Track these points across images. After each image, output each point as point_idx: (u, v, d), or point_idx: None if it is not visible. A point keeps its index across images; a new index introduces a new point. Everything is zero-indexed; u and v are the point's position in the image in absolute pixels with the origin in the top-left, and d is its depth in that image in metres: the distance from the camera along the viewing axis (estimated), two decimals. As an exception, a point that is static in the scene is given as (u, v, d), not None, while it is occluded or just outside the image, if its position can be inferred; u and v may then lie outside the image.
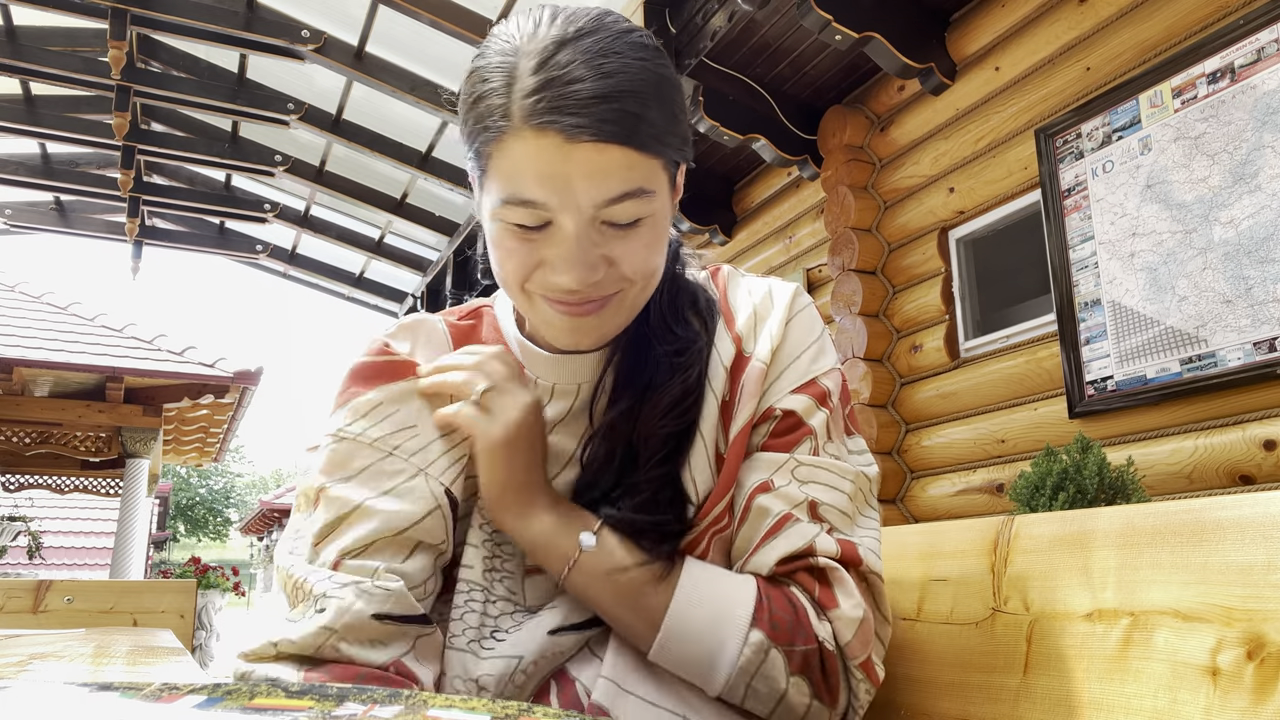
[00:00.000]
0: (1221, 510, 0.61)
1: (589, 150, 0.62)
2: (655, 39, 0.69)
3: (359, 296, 8.28)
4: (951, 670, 0.79)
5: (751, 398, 0.75)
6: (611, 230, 0.66)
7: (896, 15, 3.39)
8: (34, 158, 6.43)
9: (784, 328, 0.77)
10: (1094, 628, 0.67)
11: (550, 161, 0.62)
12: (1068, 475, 2.14)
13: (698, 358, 0.76)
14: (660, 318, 0.77)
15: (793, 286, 0.81)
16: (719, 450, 0.75)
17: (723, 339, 0.78)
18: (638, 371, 0.76)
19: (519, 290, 0.70)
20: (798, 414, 0.75)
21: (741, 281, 0.82)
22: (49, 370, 7.32)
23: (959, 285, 3.51)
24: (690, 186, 3.97)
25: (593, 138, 0.61)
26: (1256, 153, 2.44)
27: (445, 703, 0.39)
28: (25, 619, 2.73)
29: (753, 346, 0.77)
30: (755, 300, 0.80)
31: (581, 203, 0.64)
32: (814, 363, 0.77)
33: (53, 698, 0.38)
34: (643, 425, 0.74)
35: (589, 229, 0.65)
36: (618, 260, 0.67)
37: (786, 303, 0.79)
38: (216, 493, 41.24)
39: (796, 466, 0.74)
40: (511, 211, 0.65)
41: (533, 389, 0.77)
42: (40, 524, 13.01)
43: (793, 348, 0.77)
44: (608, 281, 0.68)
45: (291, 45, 4.87)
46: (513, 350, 0.80)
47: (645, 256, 0.68)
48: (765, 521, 0.72)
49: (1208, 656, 0.59)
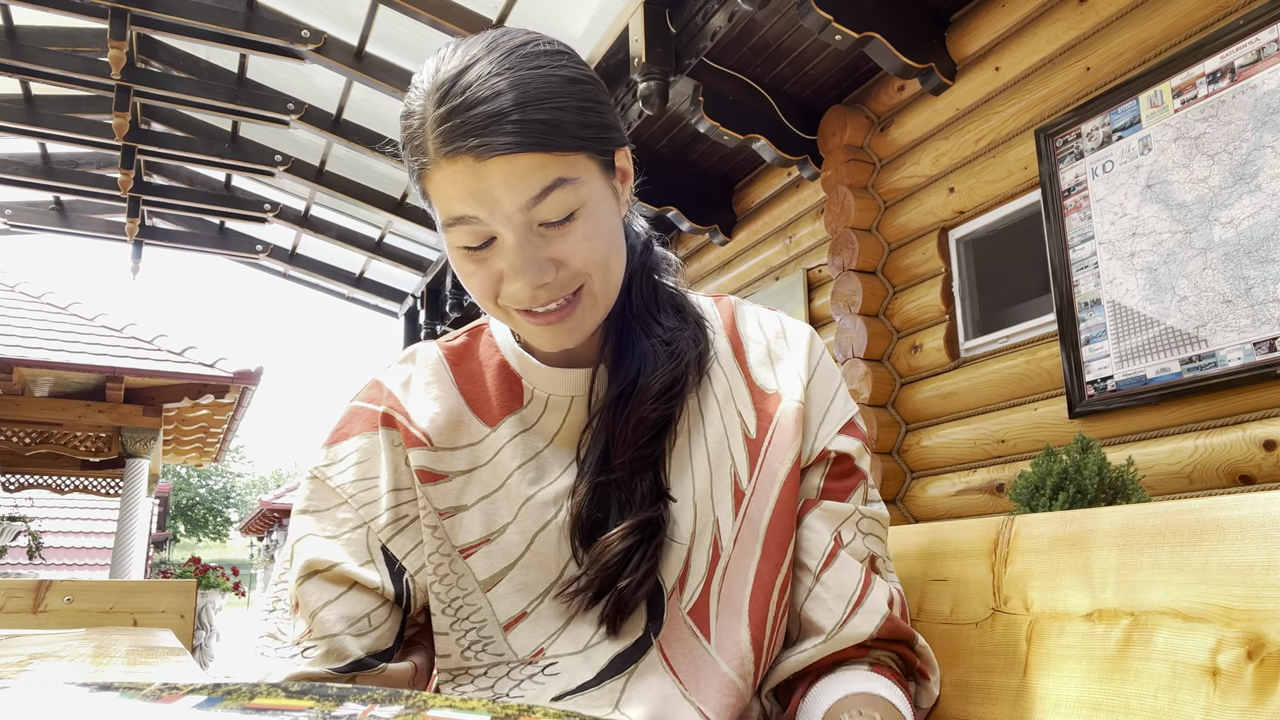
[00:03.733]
0: (1221, 510, 0.61)
1: (499, 164, 0.65)
2: (557, 43, 0.72)
3: (359, 296, 8.27)
4: (951, 670, 0.79)
5: (795, 437, 0.77)
6: (549, 230, 0.68)
7: (896, 15, 3.39)
8: (34, 158, 6.43)
9: (811, 367, 0.80)
10: (1094, 628, 0.67)
11: (468, 182, 0.66)
12: (1068, 475, 2.14)
13: (688, 346, 0.78)
14: (642, 310, 0.79)
15: (806, 326, 0.84)
16: (737, 482, 0.76)
17: (728, 361, 0.80)
18: (628, 365, 0.77)
19: (494, 306, 0.73)
20: (851, 457, 0.79)
21: (750, 311, 0.85)
22: (49, 370, 7.31)
23: (959, 285, 3.51)
24: (690, 186, 3.96)
25: (498, 152, 0.65)
26: (1256, 153, 2.44)
27: (445, 703, 0.39)
28: (25, 619, 2.73)
29: (774, 383, 0.79)
30: (768, 332, 0.82)
31: (508, 210, 0.67)
32: (846, 404, 0.81)
33: (53, 698, 0.38)
34: (633, 410, 0.75)
35: (527, 234, 0.68)
36: (564, 258, 0.69)
37: (807, 342, 0.82)
38: (216, 493, 41.23)
39: (860, 519, 0.77)
40: (455, 234, 0.69)
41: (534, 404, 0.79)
42: (40, 524, 13.01)
43: (825, 388, 0.80)
44: (564, 281, 0.70)
45: (291, 45, 4.87)
46: (510, 364, 0.81)
47: (589, 247, 0.70)
48: (850, 583, 0.75)
49: (1208, 656, 0.59)
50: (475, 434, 0.79)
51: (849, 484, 0.78)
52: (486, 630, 0.75)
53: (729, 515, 0.75)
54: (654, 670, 0.72)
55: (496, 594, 0.75)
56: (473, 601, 0.75)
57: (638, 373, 0.76)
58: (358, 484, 0.78)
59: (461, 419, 0.80)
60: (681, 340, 0.78)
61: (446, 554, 0.76)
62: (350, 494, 0.78)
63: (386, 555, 0.76)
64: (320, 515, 0.78)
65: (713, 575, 0.74)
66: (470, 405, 0.80)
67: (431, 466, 0.78)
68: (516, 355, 0.81)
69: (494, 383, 0.81)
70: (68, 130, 5.85)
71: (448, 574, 0.76)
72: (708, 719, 0.71)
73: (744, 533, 0.75)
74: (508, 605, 0.75)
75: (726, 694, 0.72)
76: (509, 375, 0.81)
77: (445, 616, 0.76)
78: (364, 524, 0.77)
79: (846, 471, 0.78)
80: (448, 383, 0.81)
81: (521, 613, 0.75)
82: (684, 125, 4.38)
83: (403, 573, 0.76)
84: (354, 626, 0.73)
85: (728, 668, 0.72)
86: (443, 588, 0.76)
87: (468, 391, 0.81)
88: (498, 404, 0.80)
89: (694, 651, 0.73)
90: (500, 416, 0.80)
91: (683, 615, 0.73)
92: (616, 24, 3.95)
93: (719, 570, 0.74)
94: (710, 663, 0.72)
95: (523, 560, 0.76)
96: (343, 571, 0.74)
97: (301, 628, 0.74)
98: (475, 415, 0.80)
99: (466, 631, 0.75)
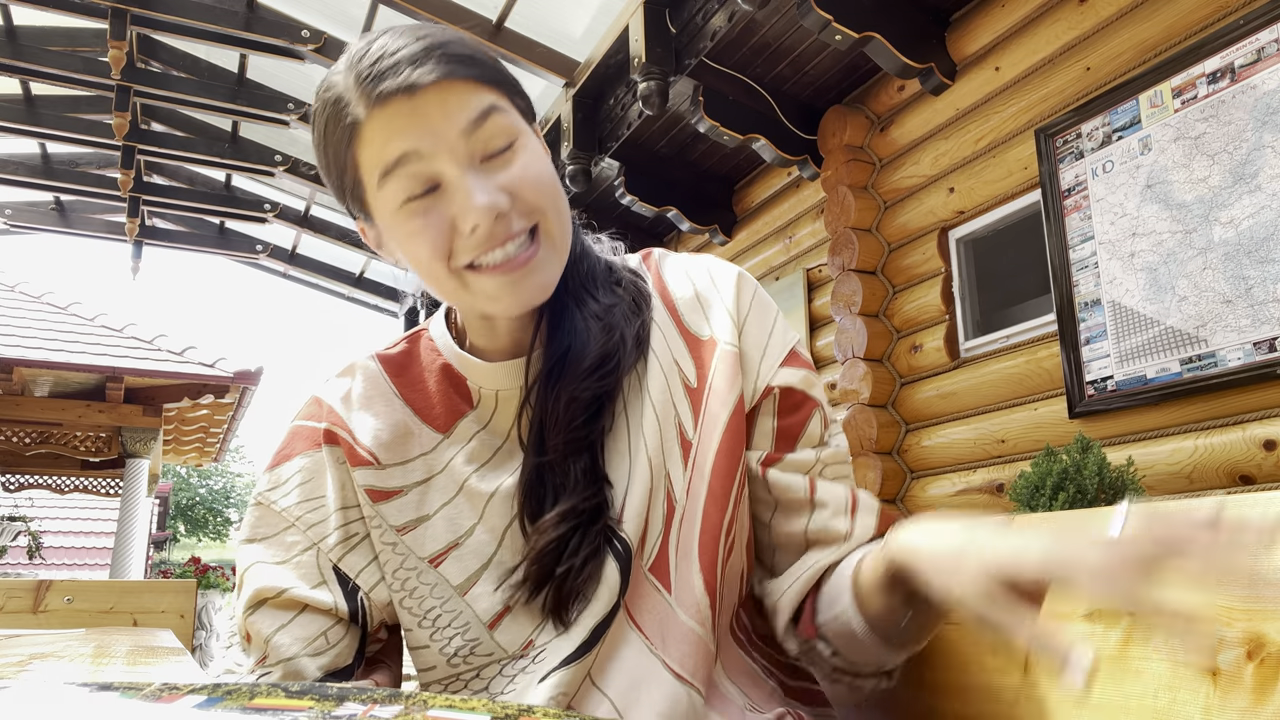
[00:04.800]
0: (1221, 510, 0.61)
1: (432, 93, 0.65)
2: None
3: (359, 296, 8.27)
4: (951, 670, 0.79)
5: (732, 381, 0.75)
6: (492, 163, 0.67)
7: (896, 15, 3.39)
8: (34, 158, 6.43)
9: (742, 307, 0.78)
10: (1094, 628, 0.67)
11: (403, 119, 0.65)
12: (1068, 475, 2.14)
13: (623, 321, 0.75)
14: (578, 287, 0.77)
15: (734, 266, 0.82)
16: (683, 433, 0.75)
17: (662, 316, 0.79)
18: (558, 342, 0.75)
19: (447, 274, 0.69)
20: (798, 389, 0.77)
21: (676, 261, 0.83)
22: (49, 370, 7.31)
23: (959, 285, 3.51)
24: (690, 187, 3.97)
25: (428, 81, 0.65)
26: (1256, 153, 2.44)
27: (445, 703, 0.39)
28: (25, 619, 2.73)
29: (707, 329, 0.78)
30: (696, 280, 0.80)
31: (450, 139, 0.65)
32: (785, 335, 0.79)
33: (53, 698, 0.38)
34: (564, 388, 0.72)
35: (470, 166, 0.66)
36: (514, 188, 0.67)
37: (734, 282, 0.79)
38: (216, 493, 41.19)
39: (823, 468, 0.77)
40: (393, 186, 0.66)
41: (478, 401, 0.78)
42: (40, 524, 13.01)
43: (760, 325, 0.78)
44: (520, 212, 0.68)
45: (291, 45, 4.87)
46: (453, 366, 0.79)
47: (536, 177, 0.69)
48: (842, 495, 0.76)
49: (1208, 656, 0.59)
50: (426, 443, 0.77)
51: (801, 417, 0.77)
52: (471, 633, 0.74)
53: (679, 467, 0.74)
54: (622, 631, 0.72)
55: (474, 595, 0.74)
56: (451, 608, 0.74)
57: (568, 349, 0.73)
58: (304, 505, 0.76)
59: (409, 430, 0.78)
60: (615, 314, 0.75)
61: (412, 567, 0.75)
62: (297, 516, 0.76)
63: (339, 574, 0.75)
64: (269, 541, 0.76)
65: (669, 529, 0.73)
66: (418, 414, 0.78)
67: (381, 485, 0.76)
68: (457, 357, 0.78)
69: (438, 388, 0.79)
70: (68, 130, 5.85)
71: (417, 586, 0.75)
72: (673, 670, 0.71)
73: (694, 482, 0.74)
74: (488, 604, 0.74)
75: (688, 643, 0.72)
76: (453, 377, 0.79)
77: (423, 630, 0.75)
78: (313, 545, 0.75)
79: (796, 404, 0.77)
80: (390, 395, 0.79)
81: (505, 608, 0.73)
82: (684, 125, 4.38)
83: (356, 591, 0.75)
84: (309, 647, 0.72)
85: (686, 616, 0.72)
86: (414, 601, 0.75)
87: (413, 400, 0.79)
88: (446, 409, 0.78)
89: (658, 606, 0.73)
90: (451, 421, 0.78)
91: (644, 572, 0.73)
92: (616, 24, 3.95)
93: (674, 522, 0.74)
94: (671, 615, 0.72)
95: (496, 557, 0.74)
96: (293, 596, 0.73)
97: (255, 656, 0.73)
98: (424, 423, 0.78)
99: (451, 639, 0.74)
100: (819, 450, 0.77)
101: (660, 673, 0.71)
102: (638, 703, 0.70)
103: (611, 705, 0.70)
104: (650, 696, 0.70)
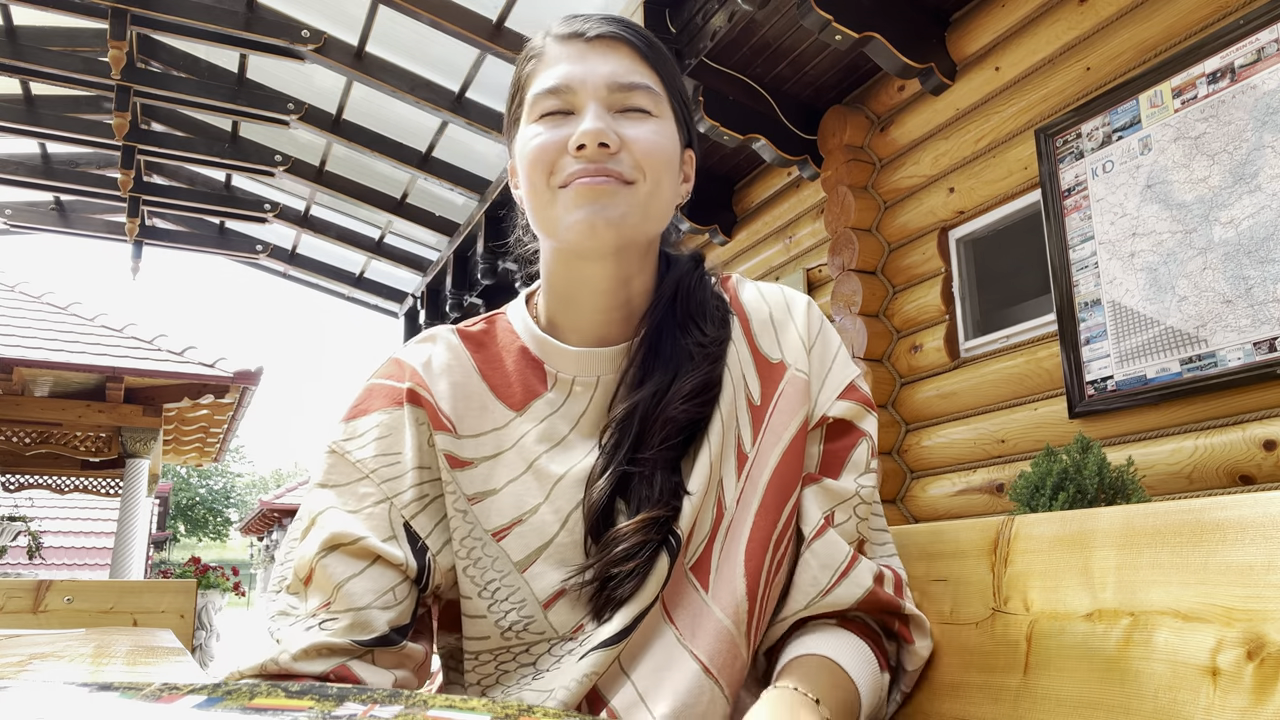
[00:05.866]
0: (1221, 510, 0.61)
1: (603, 46, 0.78)
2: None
3: (359, 296, 8.28)
4: (951, 670, 0.79)
5: (799, 406, 0.80)
6: (624, 116, 0.77)
7: (896, 15, 3.39)
8: (34, 158, 6.43)
9: (811, 336, 0.83)
10: (1094, 628, 0.67)
11: (571, 56, 0.78)
12: (1068, 475, 2.14)
13: (722, 351, 0.81)
14: (686, 314, 0.81)
15: (805, 295, 0.87)
16: (740, 446, 0.79)
17: (736, 333, 0.83)
18: (662, 360, 0.79)
19: (545, 186, 0.76)
20: (849, 420, 0.81)
21: (751, 285, 0.88)
22: (49, 370, 7.31)
23: (959, 285, 3.51)
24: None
25: (605, 36, 0.78)
26: (1256, 153, 2.44)
27: (445, 703, 0.39)
28: (25, 619, 2.73)
29: (778, 353, 0.82)
30: (771, 304, 0.85)
31: (598, 83, 0.76)
32: (845, 368, 0.83)
33: (53, 698, 0.38)
34: (665, 409, 0.76)
35: (604, 107, 0.76)
36: (629, 141, 0.76)
37: (806, 310, 0.85)
38: (216, 493, 41.21)
39: (859, 504, 0.80)
40: (543, 103, 0.77)
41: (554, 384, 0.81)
42: (40, 524, 13.00)
43: (825, 356, 0.83)
44: (621, 160, 0.75)
45: (291, 45, 4.87)
46: (530, 349, 0.82)
47: (654, 145, 0.77)
48: (838, 558, 0.77)
49: (1208, 657, 0.59)
50: (499, 419, 0.80)
51: (848, 443, 0.81)
52: (527, 609, 0.75)
53: (732, 476, 0.78)
54: (655, 621, 0.75)
55: (533, 573, 0.76)
56: (510, 583, 0.76)
57: (675, 373, 0.78)
58: (379, 459, 0.77)
59: (485, 404, 0.80)
60: (721, 347, 0.80)
61: (479, 538, 0.77)
62: (372, 469, 0.77)
63: (409, 532, 0.76)
64: (341, 490, 0.77)
65: (716, 532, 0.76)
66: (494, 390, 0.81)
67: (457, 453, 0.78)
68: (537, 340, 0.82)
69: (516, 368, 0.82)
70: (68, 130, 5.85)
71: (481, 557, 0.76)
72: (700, 662, 0.73)
73: (745, 493, 0.77)
74: (545, 583, 0.75)
75: (719, 639, 0.74)
76: (530, 360, 0.82)
77: (482, 599, 0.76)
78: (386, 499, 0.76)
79: (842, 431, 0.81)
80: (469, 368, 0.82)
81: (560, 590, 0.75)
82: (684, 125, 4.37)
83: (425, 551, 0.76)
84: (380, 599, 0.73)
85: (721, 613, 0.74)
86: (477, 570, 0.76)
87: (490, 376, 0.82)
88: (523, 388, 0.81)
89: (693, 603, 0.75)
90: (526, 400, 0.80)
91: (685, 570, 0.76)
92: (616, 24, 3.94)
93: (722, 528, 0.77)
94: (705, 609, 0.75)
95: (558, 539, 0.76)
96: (367, 546, 0.73)
97: (318, 600, 0.72)
98: (499, 400, 0.81)
99: (507, 613, 0.75)
100: (860, 478, 0.80)
101: (687, 663, 0.73)
102: (659, 687, 0.72)
103: (633, 687, 0.72)
104: (673, 683, 0.72)
